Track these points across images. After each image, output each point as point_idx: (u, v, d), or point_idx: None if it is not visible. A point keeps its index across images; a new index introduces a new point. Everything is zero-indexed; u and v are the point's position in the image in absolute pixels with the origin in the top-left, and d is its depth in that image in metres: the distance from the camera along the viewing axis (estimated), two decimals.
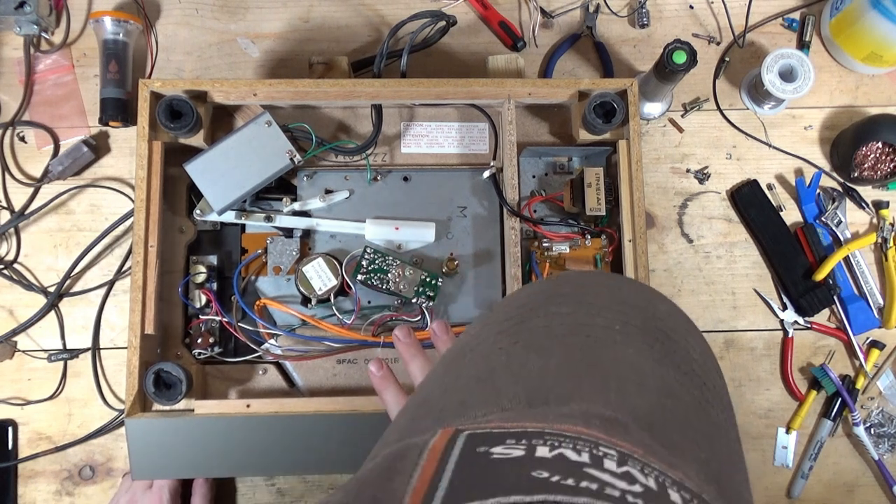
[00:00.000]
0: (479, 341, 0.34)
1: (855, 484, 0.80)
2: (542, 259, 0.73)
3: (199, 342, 0.71)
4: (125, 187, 0.81)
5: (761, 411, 0.80)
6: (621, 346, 0.32)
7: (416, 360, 0.55)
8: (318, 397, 0.69)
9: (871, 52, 0.81)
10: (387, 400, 0.56)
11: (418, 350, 0.55)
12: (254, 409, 0.68)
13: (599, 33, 0.86)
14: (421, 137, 0.76)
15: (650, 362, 0.31)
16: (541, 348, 0.32)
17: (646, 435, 0.26)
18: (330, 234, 0.75)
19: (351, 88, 0.71)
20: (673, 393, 0.30)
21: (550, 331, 0.33)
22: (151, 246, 0.68)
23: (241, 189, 0.70)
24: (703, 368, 0.33)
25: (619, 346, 0.32)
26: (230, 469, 0.69)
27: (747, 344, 0.81)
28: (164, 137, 0.71)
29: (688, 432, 0.28)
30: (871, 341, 0.81)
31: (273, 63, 0.84)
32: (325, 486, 0.78)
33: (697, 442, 0.28)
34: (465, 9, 0.86)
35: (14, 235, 0.80)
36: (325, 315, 0.72)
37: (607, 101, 0.71)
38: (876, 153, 0.81)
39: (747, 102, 0.85)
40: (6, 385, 0.78)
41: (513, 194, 0.71)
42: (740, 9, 0.86)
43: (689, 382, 0.31)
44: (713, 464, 0.27)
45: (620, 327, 0.32)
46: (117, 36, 0.80)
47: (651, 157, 0.84)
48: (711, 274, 0.82)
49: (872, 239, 0.81)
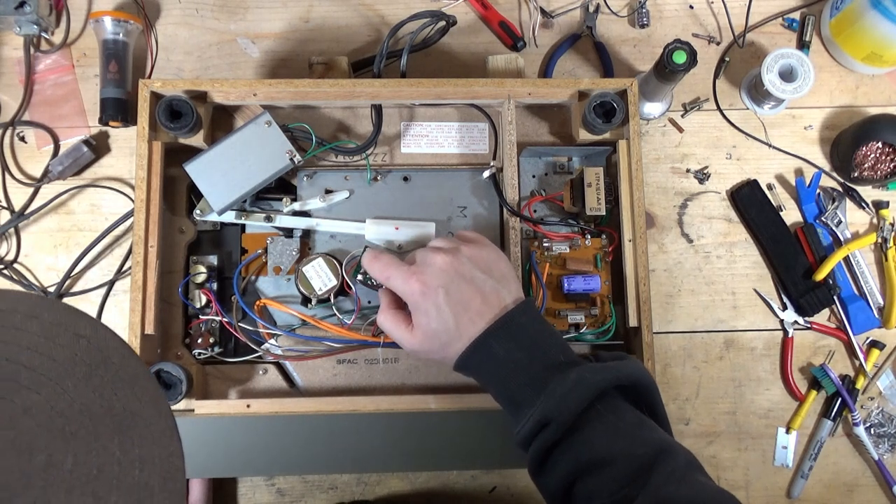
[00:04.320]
0: None
1: (855, 484, 0.80)
2: (542, 259, 0.73)
3: (199, 342, 0.71)
4: (125, 187, 0.81)
5: (761, 411, 0.80)
6: None
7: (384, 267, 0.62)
8: (318, 397, 0.69)
9: (871, 52, 0.81)
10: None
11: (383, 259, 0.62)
12: (254, 409, 0.68)
13: (599, 33, 0.86)
14: (421, 137, 0.76)
15: None
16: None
17: None
18: (330, 234, 0.75)
19: (351, 88, 0.71)
20: None
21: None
22: (151, 246, 0.68)
23: (241, 189, 0.70)
24: None
25: None
26: (230, 469, 0.69)
27: (747, 344, 0.81)
28: (164, 137, 0.71)
29: None
30: (871, 341, 0.81)
31: (273, 63, 0.84)
32: (325, 486, 0.78)
33: None
34: (465, 9, 0.86)
35: (14, 235, 0.80)
36: (325, 315, 0.72)
37: (607, 101, 0.71)
38: (876, 153, 0.81)
39: (747, 102, 0.85)
40: None
41: (513, 194, 0.71)
42: (740, 9, 0.86)
43: None
44: None
45: None
46: (117, 36, 0.80)
47: (651, 157, 0.84)
48: (711, 274, 0.82)
49: (872, 239, 0.81)
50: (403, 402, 0.68)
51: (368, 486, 0.78)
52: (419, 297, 0.57)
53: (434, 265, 0.58)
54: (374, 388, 0.72)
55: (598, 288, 0.72)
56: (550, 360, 0.56)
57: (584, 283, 0.72)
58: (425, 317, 0.58)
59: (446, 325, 0.57)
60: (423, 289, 0.57)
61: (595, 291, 0.72)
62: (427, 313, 0.57)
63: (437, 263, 0.58)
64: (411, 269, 0.59)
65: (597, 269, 0.73)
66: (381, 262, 0.61)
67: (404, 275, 0.59)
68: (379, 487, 0.78)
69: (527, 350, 0.56)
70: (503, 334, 0.57)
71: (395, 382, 0.73)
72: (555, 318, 0.72)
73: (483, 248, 0.61)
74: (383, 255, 0.62)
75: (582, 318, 0.72)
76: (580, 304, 0.73)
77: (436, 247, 0.60)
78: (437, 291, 0.57)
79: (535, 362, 0.56)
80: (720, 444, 0.80)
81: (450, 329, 0.57)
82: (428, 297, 0.57)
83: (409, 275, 0.58)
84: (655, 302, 0.81)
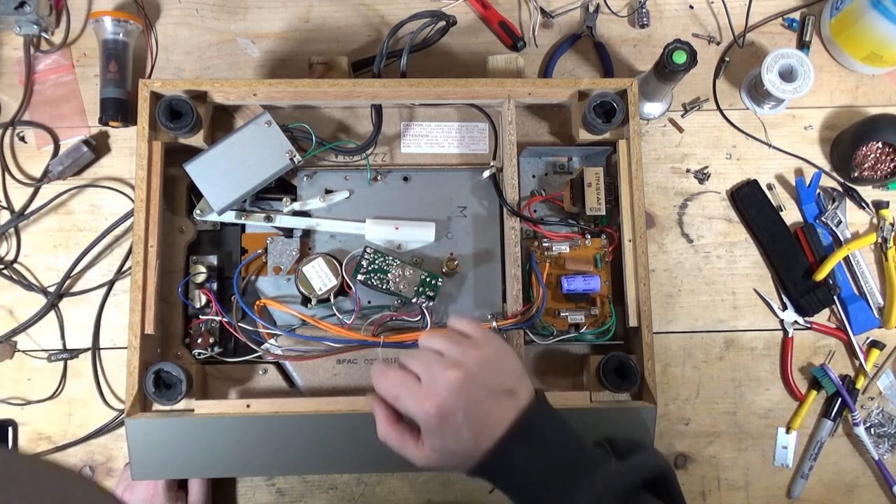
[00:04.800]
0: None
1: (855, 484, 0.80)
2: (542, 259, 0.73)
3: (199, 342, 0.71)
4: (125, 187, 0.81)
5: (761, 411, 0.80)
6: None
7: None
8: (318, 397, 0.69)
9: (871, 52, 0.81)
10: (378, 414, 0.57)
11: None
12: (254, 409, 0.68)
13: (599, 33, 0.86)
14: (421, 137, 0.76)
15: None
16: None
17: None
18: (330, 234, 0.75)
19: (351, 88, 0.71)
20: None
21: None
22: (151, 246, 0.68)
23: (241, 189, 0.70)
24: None
25: None
26: (230, 469, 0.69)
27: (747, 344, 0.81)
28: (164, 137, 0.71)
29: None
30: (871, 341, 0.81)
31: (273, 63, 0.84)
32: (325, 486, 0.78)
33: None
34: (465, 9, 0.86)
35: (14, 235, 0.80)
36: (325, 315, 0.72)
37: (607, 101, 0.71)
38: (876, 153, 0.81)
39: (747, 102, 0.85)
40: (6, 385, 0.78)
41: (513, 194, 0.71)
42: (740, 9, 0.86)
43: None
44: None
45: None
46: (117, 36, 0.80)
47: (651, 157, 0.84)
48: (711, 274, 0.82)
49: (872, 239, 0.81)
50: None
51: (368, 486, 0.78)
52: (435, 421, 0.53)
53: (447, 384, 0.53)
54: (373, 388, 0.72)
55: (598, 288, 0.72)
56: (571, 460, 0.55)
57: (583, 283, 0.72)
58: (440, 440, 0.54)
59: (464, 445, 0.54)
60: (440, 413, 0.53)
61: (595, 291, 0.72)
62: (443, 436, 0.54)
63: (451, 382, 0.53)
64: (423, 390, 0.54)
65: (597, 269, 0.73)
66: (388, 380, 0.56)
67: (417, 397, 0.54)
68: (379, 487, 0.78)
69: (547, 455, 0.54)
70: (522, 442, 0.54)
71: None
72: (555, 318, 0.72)
73: (489, 348, 0.57)
74: (390, 371, 0.56)
75: (582, 318, 0.72)
76: (580, 304, 0.73)
77: (440, 354, 0.56)
78: (455, 415, 0.53)
79: (557, 467, 0.54)
80: (720, 444, 0.80)
81: (468, 448, 0.54)
82: (445, 422, 0.53)
83: (423, 398, 0.54)
84: (655, 302, 0.81)
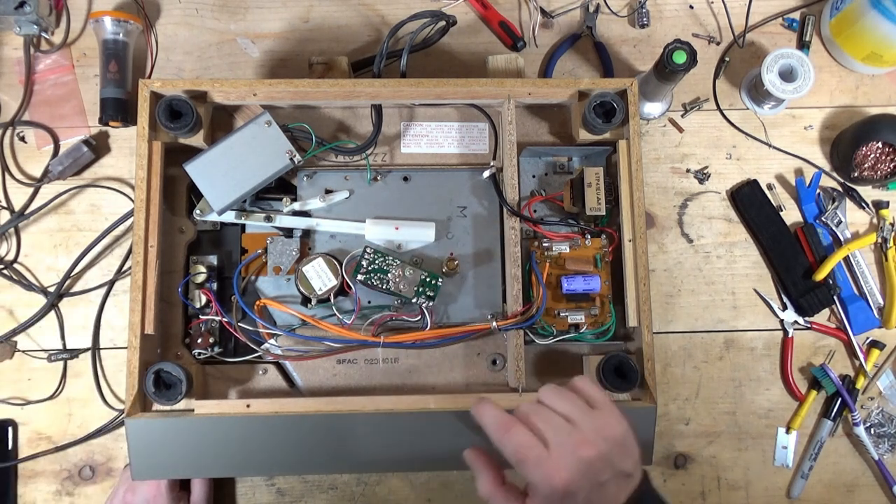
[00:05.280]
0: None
1: (855, 484, 0.80)
2: (542, 259, 0.73)
3: (199, 342, 0.71)
4: (125, 187, 0.81)
5: (761, 411, 0.80)
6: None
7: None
8: (318, 397, 0.69)
9: (871, 52, 0.81)
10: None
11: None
12: (254, 409, 0.68)
13: (599, 33, 0.86)
14: (421, 137, 0.76)
15: None
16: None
17: None
18: (330, 234, 0.75)
19: (351, 88, 0.71)
20: None
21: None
22: (151, 246, 0.68)
23: (241, 189, 0.70)
24: None
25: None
26: (230, 469, 0.69)
27: (747, 344, 0.81)
28: (164, 137, 0.71)
29: None
30: (871, 341, 0.81)
31: (273, 63, 0.84)
32: (325, 486, 0.78)
33: None
34: (465, 9, 0.86)
35: (14, 235, 0.80)
36: (325, 315, 0.72)
37: (607, 101, 0.71)
38: (876, 153, 0.81)
39: (747, 102, 0.85)
40: (6, 385, 0.78)
41: (513, 194, 0.71)
42: (740, 9, 0.86)
43: None
44: None
45: None
46: (117, 36, 0.80)
47: (651, 157, 0.84)
48: (711, 274, 0.82)
49: (872, 239, 0.81)
50: (403, 402, 0.68)
51: (368, 486, 0.78)
52: (559, 497, 0.51)
53: (578, 462, 0.51)
54: (374, 388, 0.72)
55: (598, 288, 0.72)
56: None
57: (583, 283, 0.72)
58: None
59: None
60: (566, 490, 0.51)
61: (595, 291, 0.72)
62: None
63: (582, 461, 0.51)
64: (552, 462, 0.51)
65: (597, 269, 0.73)
66: (517, 441, 0.53)
67: (546, 470, 0.51)
68: (379, 487, 0.78)
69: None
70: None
71: (395, 382, 0.73)
72: (555, 318, 0.72)
73: (619, 427, 0.55)
74: (517, 429, 0.53)
75: (582, 318, 0.72)
76: (580, 304, 0.73)
77: (567, 419, 0.54)
78: (578, 494, 0.51)
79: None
80: (720, 444, 0.80)
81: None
82: (568, 499, 0.51)
83: (553, 471, 0.51)
84: (655, 302, 0.81)
